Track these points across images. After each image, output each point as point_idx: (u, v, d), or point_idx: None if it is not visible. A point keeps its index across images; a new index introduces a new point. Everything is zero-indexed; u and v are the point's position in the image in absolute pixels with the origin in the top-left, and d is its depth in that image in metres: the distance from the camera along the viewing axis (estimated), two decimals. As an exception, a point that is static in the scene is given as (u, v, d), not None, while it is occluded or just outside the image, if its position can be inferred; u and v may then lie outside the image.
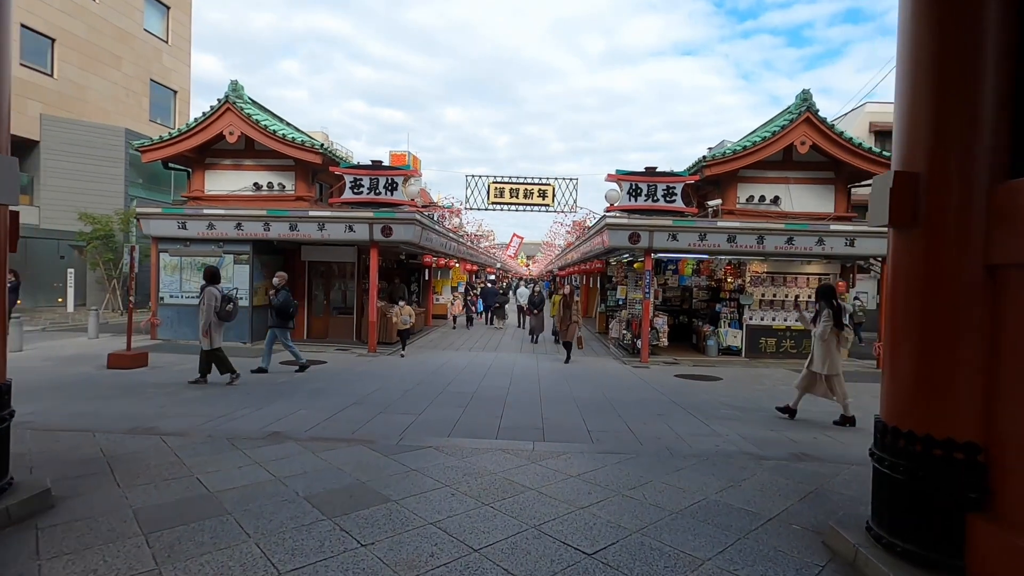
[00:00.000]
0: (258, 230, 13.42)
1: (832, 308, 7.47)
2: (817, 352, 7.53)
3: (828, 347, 7.42)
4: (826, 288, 7.90)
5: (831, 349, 7.42)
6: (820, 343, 7.48)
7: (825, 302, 7.59)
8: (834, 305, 7.51)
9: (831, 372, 7.40)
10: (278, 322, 10.25)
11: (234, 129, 14.01)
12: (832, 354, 7.41)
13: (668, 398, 8.90)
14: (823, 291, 7.81)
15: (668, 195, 12.99)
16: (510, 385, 9.46)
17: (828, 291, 7.78)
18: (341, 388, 8.85)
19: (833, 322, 7.38)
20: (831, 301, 7.56)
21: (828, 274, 14.10)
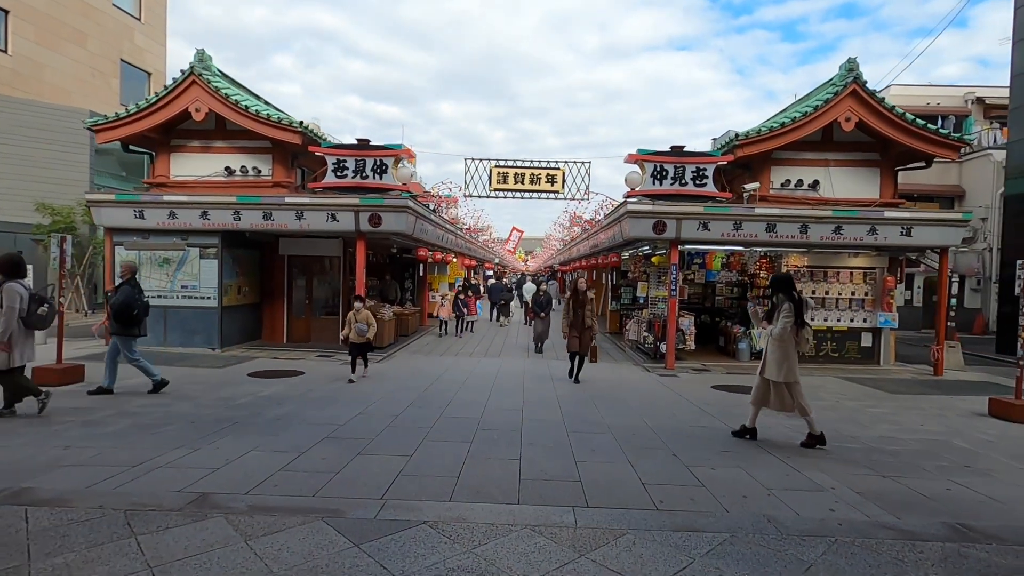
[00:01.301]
0: (227, 219, 11.43)
1: (792, 301, 6.00)
2: (771, 355, 6.07)
3: (786, 349, 5.98)
4: (783, 278, 6.36)
5: (789, 352, 5.99)
6: (776, 345, 6.02)
7: (784, 294, 6.11)
8: (795, 298, 6.05)
9: (789, 379, 5.99)
10: (118, 328, 7.73)
11: (201, 105, 11.99)
12: (791, 358, 6.01)
13: (720, 422, 7.03)
14: (780, 281, 6.30)
15: (698, 178, 11.10)
16: (523, 407, 7.55)
17: (786, 281, 6.26)
18: (313, 413, 6.92)
19: (794, 318, 5.92)
20: (791, 293, 6.10)
21: (875, 268, 12.27)
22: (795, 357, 6.03)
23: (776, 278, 6.44)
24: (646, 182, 11.14)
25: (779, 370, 6.01)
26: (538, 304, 12.55)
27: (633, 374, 10.76)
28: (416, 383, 9.06)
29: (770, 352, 6.10)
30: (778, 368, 6.02)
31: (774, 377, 6.04)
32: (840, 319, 12.18)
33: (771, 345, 6.08)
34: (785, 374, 5.99)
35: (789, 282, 6.26)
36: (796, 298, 6.07)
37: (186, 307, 11.74)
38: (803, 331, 6.00)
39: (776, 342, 6.04)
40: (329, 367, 10.45)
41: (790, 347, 5.99)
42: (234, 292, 12.18)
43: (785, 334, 5.94)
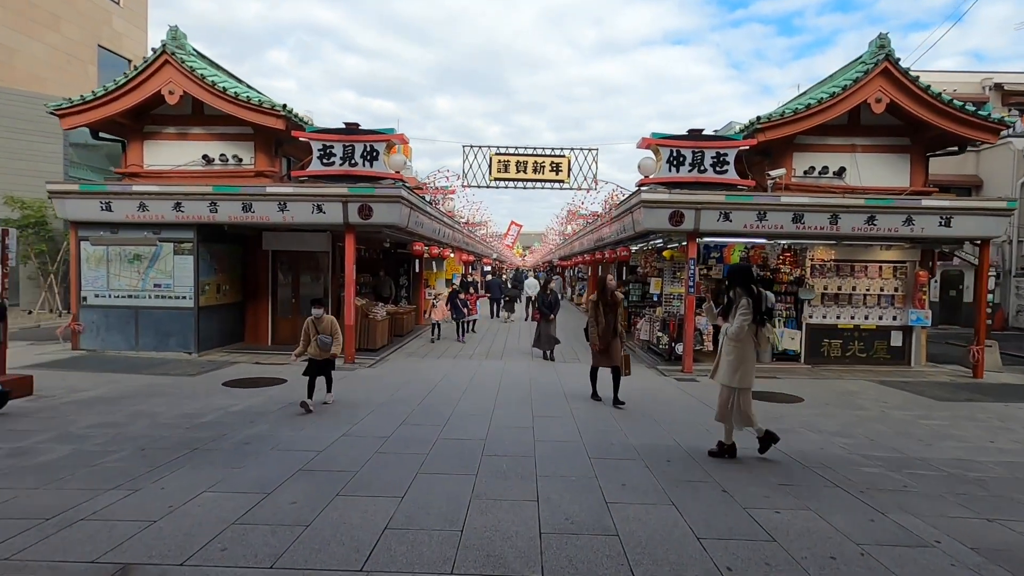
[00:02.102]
0: (203, 212, 10.29)
1: (751, 296, 5.17)
2: (725, 357, 5.30)
3: (743, 351, 5.20)
4: (740, 269, 5.50)
5: (746, 354, 5.21)
6: (731, 346, 5.24)
7: (741, 288, 5.25)
8: (754, 292, 5.21)
9: (743, 385, 5.22)
10: None
11: (174, 87, 10.83)
12: (748, 361, 5.21)
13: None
14: (737, 273, 5.42)
15: (718, 164, 10.02)
16: (534, 423, 6.48)
17: (744, 273, 5.38)
18: (289, 434, 5.83)
19: (752, 315, 5.11)
20: (749, 287, 5.24)
21: (905, 261, 11.24)
22: (753, 360, 5.24)
23: (732, 269, 5.55)
24: (661, 169, 10.06)
25: (733, 374, 5.21)
26: (546, 305, 11.25)
27: (648, 379, 9.71)
28: (411, 393, 7.98)
29: (724, 353, 5.31)
30: (732, 372, 5.21)
31: (726, 381, 5.26)
32: (868, 317, 11.16)
33: (726, 346, 5.29)
34: (740, 378, 5.19)
35: (747, 274, 5.36)
36: (755, 292, 5.20)
37: (159, 308, 10.61)
38: (763, 330, 5.21)
39: (731, 343, 5.22)
40: (315, 373, 9.35)
41: (747, 349, 5.19)
42: (213, 291, 11.05)
43: (742, 333, 5.12)
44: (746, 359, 5.21)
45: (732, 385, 5.24)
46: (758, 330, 5.20)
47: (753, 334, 5.19)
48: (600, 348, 7.47)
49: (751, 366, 5.25)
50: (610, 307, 7.51)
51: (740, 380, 5.22)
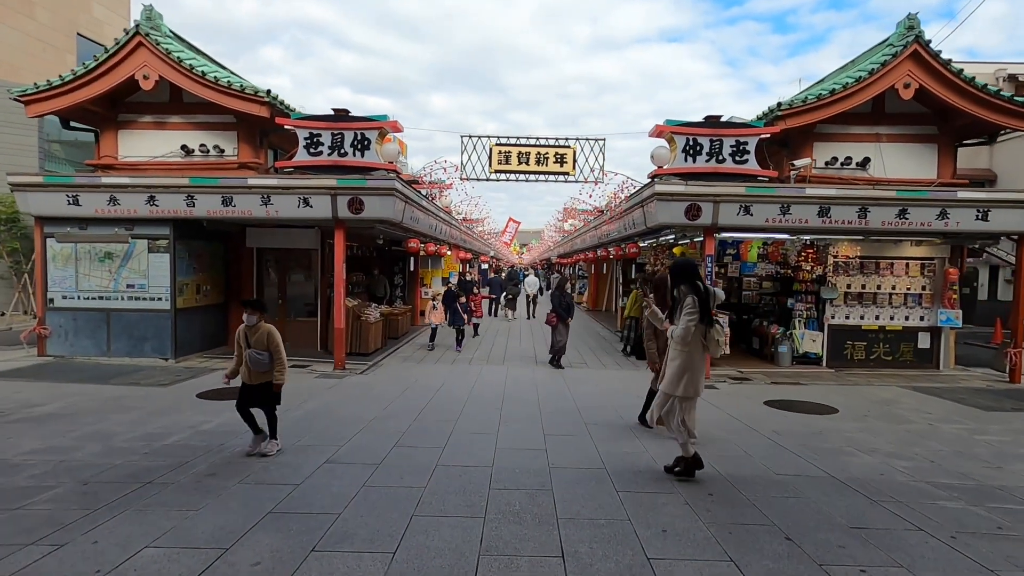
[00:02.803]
0: (179, 206, 9.36)
1: (697, 294, 4.56)
2: (671, 362, 4.68)
3: (690, 356, 4.59)
4: (683, 265, 4.79)
5: (694, 359, 4.60)
6: (678, 349, 4.62)
7: (687, 286, 4.63)
8: (700, 289, 4.60)
9: (687, 393, 4.59)
10: None
11: (149, 71, 9.89)
12: (695, 367, 4.60)
13: (811, 463, 5.12)
14: (681, 270, 4.75)
15: (738, 153, 9.17)
16: (547, 444, 5.61)
17: (688, 269, 4.72)
18: (261, 463, 4.95)
19: (699, 315, 4.49)
20: (695, 284, 4.62)
21: (934, 258, 10.43)
22: (701, 367, 4.65)
23: (676, 266, 4.82)
24: (677, 159, 9.19)
25: (677, 382, 4.59)
26: (563, 307, 10.14)
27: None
28: (405, 405, 7.10)
29: (670, 358, 4.70)
30: (678, 379, 4.59)
31: (672, 390, 4.62)
32: (894, 317, 10.36)
33: (672, 350, 4.69)
34: (685, 386, 4.57)
35: (692, 270, 4.70)
36: (702, 290, 4.60)
37: (133, 310, 9.67)
38: (711, 331, 4.58)
39: (678, 346, 4.61)
40: (302, 382, 8.46)
41: (695, 353, 4.60)
42: (192, 291, 10.12)
43: (688, 336, 4.51)
44: (693, 365, 4.58)
45: (676, 394, 4.60)
46: (707, 332, 4.55)
47: (701, 336, 4.56)
48: (661, 365, 5.74)
49: (699, 374, 4.62)
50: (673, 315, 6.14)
51: (685, 388, 4.57)
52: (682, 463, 4.74)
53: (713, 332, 4.56)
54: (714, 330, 4.57)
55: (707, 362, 9.26)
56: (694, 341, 4.54)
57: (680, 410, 4.62)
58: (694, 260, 5.13)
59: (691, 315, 4.48)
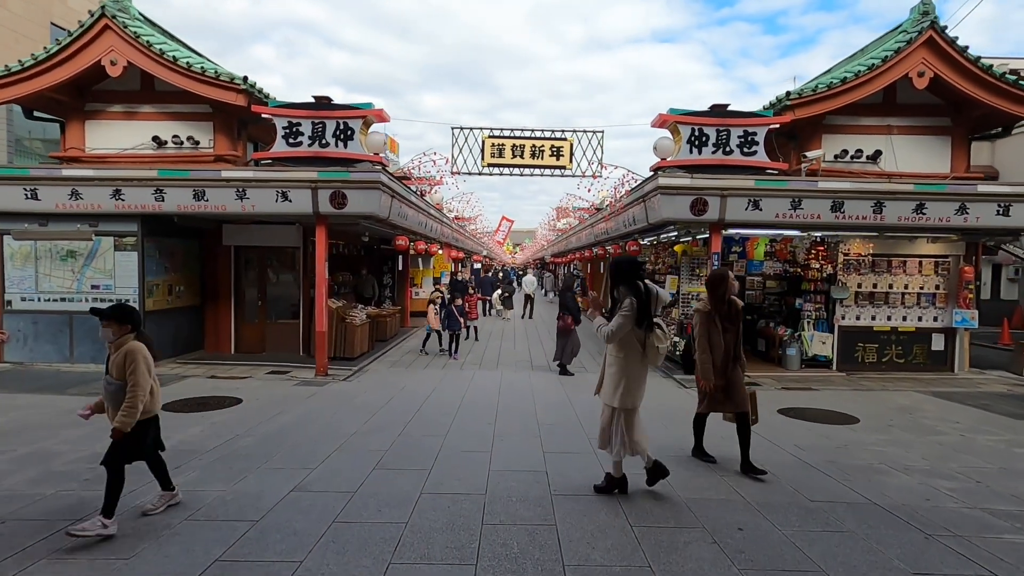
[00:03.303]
0: (147, 200, 8.61)
1: (636, 295, 4.00)
2: (607, 370, 4.19)
3: (627, 363, 4.08)
4: (624, 263, 4.21)
5: (630, 366, 4.07)
6: (613, 356, 4.14)
7: (626, 286, 4.06)
8: (639, 289, 4.03)
9: (625, 404, 4.06)
10: None
11: (117, 57, 9.14)
12: (632, 375, 4.07)
13: (846, 485, 4.49)
14: (619, 268, 4.16)
15: (746, 144, 8.55)
16: (548, 468, 4.93)
17: (627, 267, 4.15)
18: (217, 492, 4.25)
19: (635, 317, 3.95)
20: (634, 283, 4.05)
21: (948, 256, 9.86)
22: (640, 376, 4.11)
23: (615, 263, 4.22)
24: (681, 150, 8.56)
25: (614, 391, 4.07)
26: (567, 307, 9.33)
27: (667, 392, 8.24)
28: (390, 417, 6.41)
29: (607, 364, 4.20)
30: (613, 388, 4.08)
31: (609, 400, 4.12)
32: (907, 318, 9.78)
33: (608, 356, 4.20)
34: (622, 397, 4.04)
35: (632, 268, 4.15)
36: (642, 290, 4.02)
37: (98, 313, 8.90)
38: (651, 336, 4.00)
39: (614, 351, 4.10)
40: (279, 389, 7.76)
41: (632, 361, 4.06)
42: (163, 292, 9.37)
43: (617, 336, 3.97)
44: (630, 373, 4.06)
45: (613, 405, 4.09)
46: (646, 337, 4.00)
47: (640, 342, 4.03)
48: (718, 385, 4.73)
49: (637, 383, 4.10)
50: (731, 320, 4.77)
51: (623, 399, 4.05)
52: (607, 479, 4.26)
53: (653, 338, 4.01)
54: (654, 335, 4.01)
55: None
56: (631, 347, 4.03)
57: (623, 425, 4.08)
58: (633, 257, 4.51)
59: (625, 316, 3.92)
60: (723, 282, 4.76)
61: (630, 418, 4.11)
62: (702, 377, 4.78)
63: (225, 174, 8.52)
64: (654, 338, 4.02)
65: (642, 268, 4.38)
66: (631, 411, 4.11)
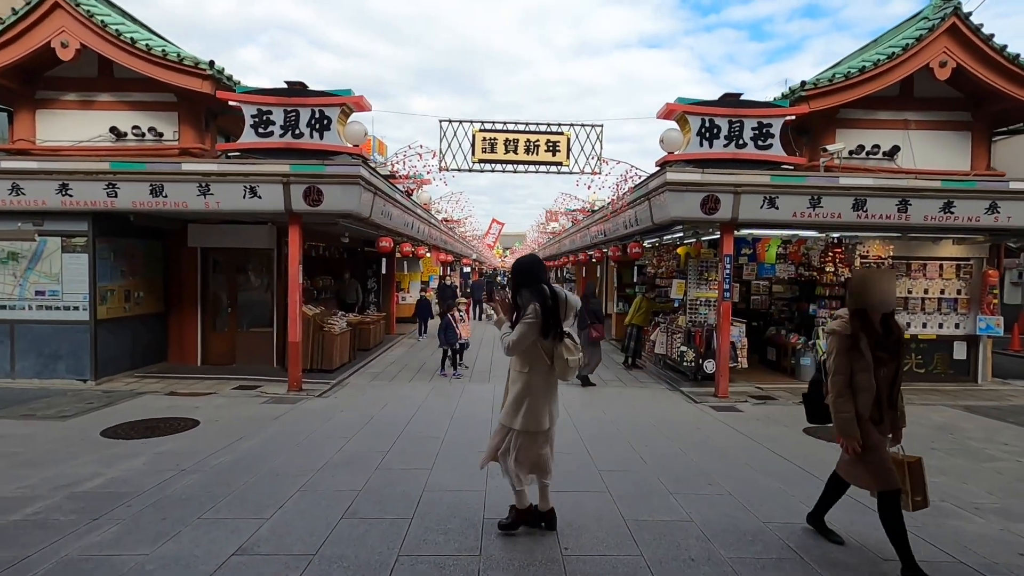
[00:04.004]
0: (98, 196, 7.63)
1: (541, 300, 3.33)
2: (510, 387, 3.53)
3: (531, 379, 3.42)
4: (527, 264, 3.53)
5: (535, 383, 3.41)
6: (516, 372, 3.50)
7: (530, 290, 3.39)
8: (544, 294, 3.36)
9: (526, 427, 3.39)
10: None
11: (69, 39, 8.18)
12: (537, 394, 3.40)
13: (915, 534, 3.65)
14: (521, 270, 3.51)
15: (760, 137, 7.76)
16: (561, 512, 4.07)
17: (530, 269, 3.48)
18: (139, 556, 3.32)
19: (540, 326, 3.31)
20: (539, 287, 3.39)
21: (971, 258, 9.17)
22: (547, 392, 3.43)
23: (517, 265, 3.58)
24: (690, 143, 7.75)
25: (515, 411, 3.40)
26: (594, 312, 8.52)
27: (677, 406, 7.42)
28: (367, 444, 5.49)
29: (511, 381, 3.55)
30: (515, 408, 3.41)
31: (508, 421, 3.43)
32: (927, 324, 9.06)
33: (511, 372, 3.56)
34: (524, 417, 3.37)
35: (537, 270, 3.48)
36: (547, 294, 3.36)
37: (43, 322, 7.88)
38: (559, 347, 3.36)
39: (517, 366, 3.47)
40: (245, 407, 6.81)
41: (537, 374, 3.40)
42: (119, 299, 8.37)
43: (520, 348, 3.34)
44: (535, 390, 3.39)
45: (514, 427, 3.40)
46: (554, 349, 3.35)
47: (547, 354, 3.37)
48: (873, 443, 3.19)
49: (542, 402, 3.40)
50: (888, 349, 3.18)
51: (526, 420, 3.37)
52: (512, 513, 3.60)
53: (562, 349, 3.35)
54: (563, 347, 3.35)
55: (725, 381, 7.89)
56: (537, 361, 3.39)
57: (518, 449, 3.42)
58: (536, 258, 3.69)
59: (529, 323, 3.28)
60: (878, 288, 3.15)
61: (532, 442, 3.43)
62: (841, 433, 3.23)
63: (186, 167, 7.57)
64: (563, 349, 3.34)
65: (547, 269, 3.61)
66: (534, 435, 3.42)
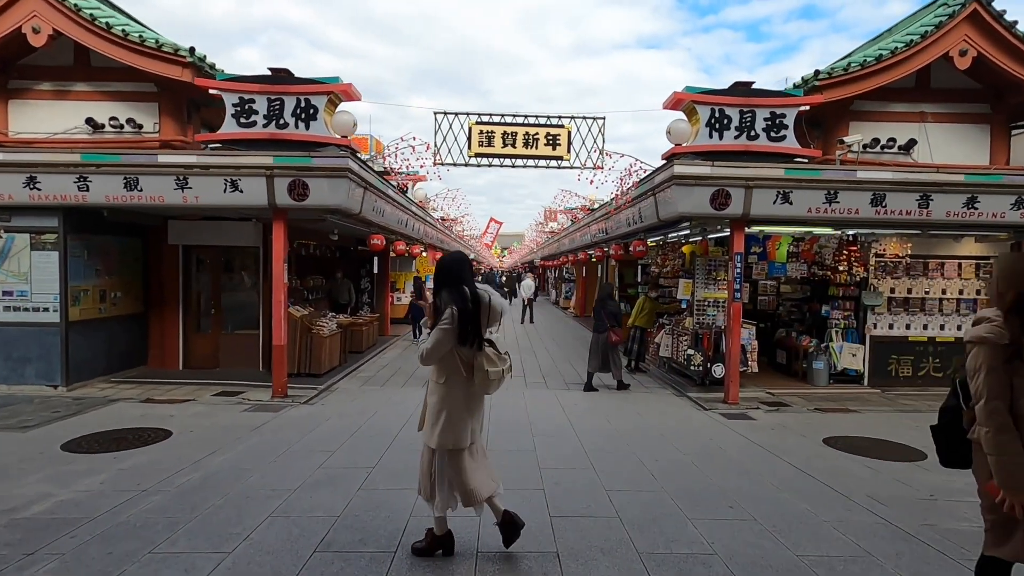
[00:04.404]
0: (69, 190, 7.10)
1: (459, 303, 2.98)
2: (429, 400, 3.14)
3: (448, 391, 3.05)
4: (448, 263, 3.17)
5: (454, 396, 3.04)
6: (433, 384, 3.12)
7: (450, 291, 3.03)
8: (464, 296, 3.01)
9: (443, 443, 3.02)
10: None
11: (41, 24, 7.67)
12: (455, 407, 3.04)
13: (971, 569, 3.18)
14: (443, 269, 3.14)
15: (773, 128, 7.27)
16: (559, 551, 3.56)
17: (451, 268, 3.11)
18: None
19: (457, 332, 2.96)
20: (459, 288, 3.02)
21: (990, 257, 8.70)
22: (467, 406, 3.07)
23: (439, 264, 3.22)
24: (699, 134, 7.25)
25: (432, 427, 3.05)
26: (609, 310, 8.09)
27: (685, 414, 6.92)
28: (352, 458, 4.98)
29: (428, 394, 3.19)
30: (432, 423, 3.07)
31: (427, 439, 3.10)
32: (944, 326, 8.58)
33: (429, 382, 3.19)
34: (441, 433, 3.02)
35: (456, 269, 3.10)
36: (467, 296, 3.00)
37: (10, 323, 7.34)
38: (479, 357, 2.99)
39: (434, 377, 3.11)
40: (223, 416, 6.29)
41: (455, 386, 3.05)
42: (94, 299, 7.84)
43: (433, 357, 3.00)
44: (452, 404, 3.03)
45: (431, 445, 3.08)
46: (474, 358, 3.00)
47: (465, 364, 3.02)
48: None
49: (465, 416, 3.05)
50: None
51: (443, 437, 3.01)
52: (428, 537, 3.24)
53: (482, 360, 2.97)
54: (483, 356, 2.98)
55: (736, 386, 7.40)
56: (454, 371, 3.03)
57: (449, 470, 3.06)
58: (460, 255, 3.22)
59: (444, 331, 2.94)
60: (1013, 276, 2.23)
61: (457, 461, 3.06)
62: (1005, 484, 2.12)
63: (162, 159, 7.04)
64: (483, 360, 2.96)
65: (472, 268, 3.18)
66: (456, 453, 3.04)
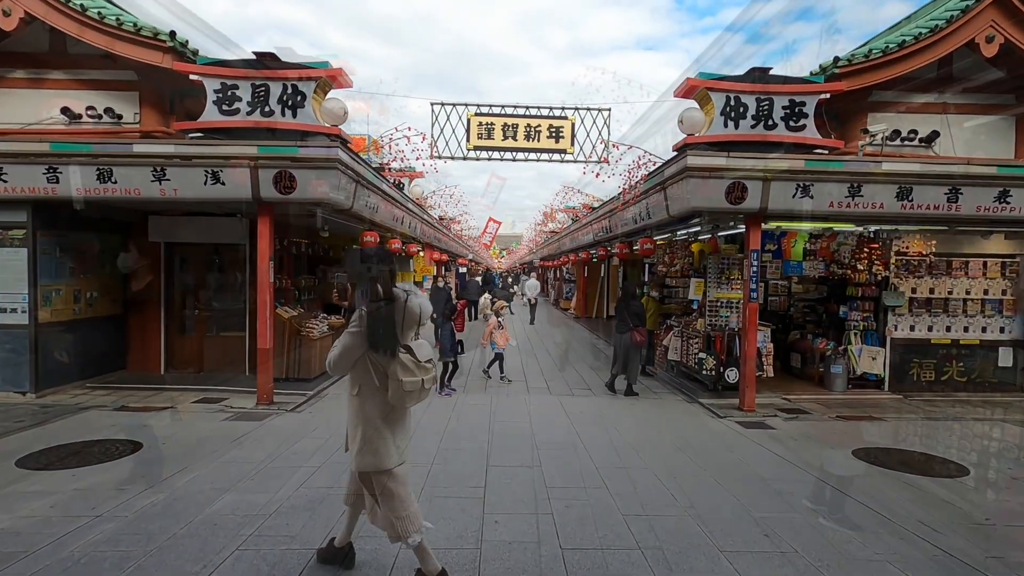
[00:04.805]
0: (37, 182, 6.56)
1: (375, 304, 2.60)
2: (348, 413, 2.74)
3: (362, 402, 2.64)
4: (362, 256, 2.74)
5: (367, 408, 2.64)
6: (349, 393, 2.71)
7: (360, 289, 2.75)
8: (376, 295, 2.60)
9: (363, 465, 2.64)
10: None
11: (11, 6, 7.17)
12: (368, 421, 2.63)
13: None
14: (355, 262, 2.84)
15: (792, 116, 6.74)
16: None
17: (365, 260, 2.68)
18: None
19: (366, 337, 2.57)
20: (371, 285, 2.61)
21: (1016, 255, 8.19)
22: (389, 420, 2.66)
23: (351, 256, 3.10)
24: (713, 124, 6.72)
25: (351, 445, 2.70)
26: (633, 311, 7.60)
27: (700, 423, 6.39)
28: (334, 480, 4.42)
29: (348, 405, 2.77)
30: (350, 440, 2.73)
31: (353, 463, 2.71)
32: (969, 328, 8.07)
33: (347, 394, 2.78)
34: (360, 454, 2.63)
35: (373, 263, 2.70)
36: (380, 296, 2.61)
37: (-25, 326, 6.81)
38: (393, 365, 2.55)
39: (348, 387, 2.72)
40: (201, 425, 5.74)
41: (367, 396, 2.64)
42: (67, 299, 7.29)
43: (340, 366, 2.65)
44: (368, 418, 2.65)
45: (351, 468, 2.77)
46: (387, 367, 2.58)
47: (375, 373, 2.60)
48: None
49: (382, 432, 2.64)
50: None
51: (361, 457, 2.64)
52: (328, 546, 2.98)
53: (396, 368, 2.54)
54: (398, 365, 2.54)
55: (752, 392, 6.88)
56: (367, 381, 2.63)
57: (384, 497, 2.67)
58: (375, 249, 2.82)
59: (352, 335, 2.60)
60: None
61: (389, 483, 2.64)
62: None
63: (137, 148, 6.50)
64: (397, 368, 2.53)
65: (388, 260, 2.75)
66: (384, 474, 2.63)
